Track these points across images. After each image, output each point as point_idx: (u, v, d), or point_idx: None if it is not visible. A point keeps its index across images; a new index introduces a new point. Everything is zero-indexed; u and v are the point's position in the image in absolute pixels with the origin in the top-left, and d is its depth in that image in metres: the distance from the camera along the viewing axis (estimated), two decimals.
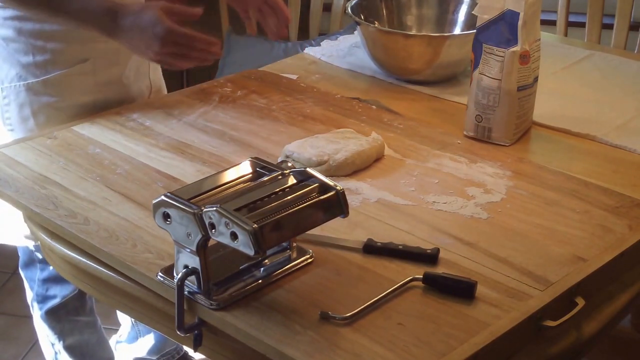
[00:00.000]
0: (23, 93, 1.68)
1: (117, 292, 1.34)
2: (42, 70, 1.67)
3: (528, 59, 1.56)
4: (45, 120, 1.69)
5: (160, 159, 1.53)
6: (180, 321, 1.16)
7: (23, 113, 1.70)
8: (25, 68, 1.67)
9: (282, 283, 1.20)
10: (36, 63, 1.66)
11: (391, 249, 1.25)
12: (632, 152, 1.59)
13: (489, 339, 1.09)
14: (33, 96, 1.68)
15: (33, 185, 1.44)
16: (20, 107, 1.70)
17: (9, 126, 1.72)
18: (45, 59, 1.66)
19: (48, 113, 1.70)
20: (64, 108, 1.70)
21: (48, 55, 1.66)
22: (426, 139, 1.61)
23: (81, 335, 2.02)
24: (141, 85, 1.81)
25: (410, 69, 1.86)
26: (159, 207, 1.15)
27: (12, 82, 1.68)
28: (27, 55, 1.66)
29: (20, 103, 1.69)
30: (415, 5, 2.03)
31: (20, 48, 1.65)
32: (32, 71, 1.67)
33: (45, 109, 1.69)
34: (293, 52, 2.77)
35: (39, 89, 1.68)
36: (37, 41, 1.65)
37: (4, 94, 1.70)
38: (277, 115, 1.71)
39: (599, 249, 1.28)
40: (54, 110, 1.70)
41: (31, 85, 1.67)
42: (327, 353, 1.06)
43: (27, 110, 1.69)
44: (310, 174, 1.19)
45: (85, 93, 1.71)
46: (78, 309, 1.98)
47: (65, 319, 1.98)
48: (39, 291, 1.93)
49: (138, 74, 1.79)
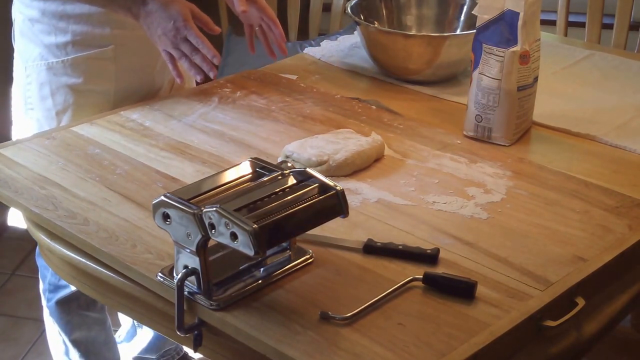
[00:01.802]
0: (44, 72, 1.73)
1: (117, 292, 1.34)
2: (63, 51, 1.71)
3: (528, 59, 1.56)
4: (63, 101, 1.73)
5: (160, 159, 1.53)
6: (180, 321, 1.16)
7: (43, 92, 1.74)
8: (47, 48, 1.71)
9: (282, 283, 1.20)
10: (57, 44, 1.70)
11: (391, 249, 1.25)
12: (632, 152, 1.59)
13: (489, 339, 1.09)
14: (53, 76, 1.72)
15: (32, 185, 1.44)
16: (40, 86, 1.74)
17: (29, 105, 1.77)
18: (66, 40, 1.70)
19: (66, 94, 1.74)
20: (83, 91, 1.74)
21: (69, 36, 1.70)
22: (426, 139, 1.61)
23: (89, 331, 2.02)
24: (163, 78, 1.84)
25: (410, 69, 1.86)
26: (158, 208, 1.15)
27: (34, 61, 1.73)
28: (49, 36, 1.70)
29: (40, 82, 1.74)
30: (415, 5, 2.03)
31: (43, 28, 1.70)
32: (53, 51, 1.71)
33: (64, 89, 1.73)
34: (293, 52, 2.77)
35: (59, 69, 1.72)
36: (60, 22, 1.69)
37: (27, 72, 1.75)
38: (276, 116, 1.70)
39: (599, 249, 1.28)
40: (72, 91, 1.74)
41: (52, 65, 1.72)
42: (327, 353, 1.06)
43: (46, 89, 1.74)
44: (310, 174, 1.18)
45: (105, 79, 1.75)
46: (89, 304, 1.98)
47: (76, 312, 1.98)
48: (51, 280, 1.93)
49: (163, 66, 1.81)
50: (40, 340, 2.53)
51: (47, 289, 1.96)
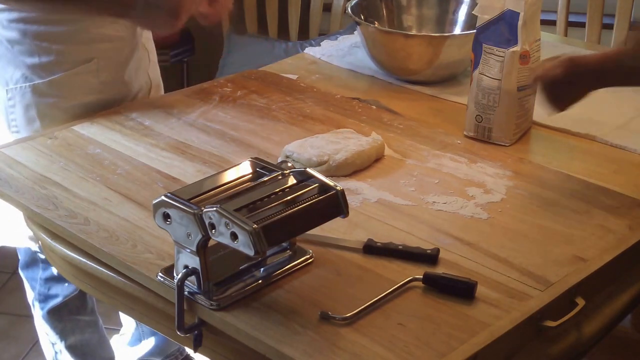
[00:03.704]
0: (29, 94, 1.69)
1: (118, 292, 1.34)
2: (48, 71, 1.67)
3: (528, 59, 1.56)
4: (50, 121, 1.69)
5: (160, 159, 1.53)
6: (180, 321, 1.16)
7: (29, 114, 1.70)
8: (31, 69, 1.67)
9: (282, 283, 1.20)
10: (41, 64, 1.67)
11: (391, 249, 1.25)
12: (632, 152, 1.59)
13: (489, 339, 1.09)
14: (38, 97, 1.69)
15: (33, 185, 1.44)
16: (26, 109, 1.70)
17: (15, 128, 1.72)
18: (50, 60, 1.66)
19: (53, 114, 1.70)
20: (68, 108, 1.71)
21: (53, 56, 1.66)
22: (426, 139, 1.61)
23: (82, 334, 2.02)
24: (141, 82, 1.83)
25: (410, 69, 1.86)
26: (159, 208, 1.15)
27: (17, 83, 1.69)
28: (32, 57, 1.66)
29: (26, 104, 1.70)
30: (415, 5, 2.03)
31: (25, 50, 1.66)
32: (37, 72, 1.67)
33: (51, 109, 1.70)
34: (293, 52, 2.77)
35: (45, 90, 1.68)
36: (43, 43, 1.65)
37: (9, 95, 1.70)
38: (277, 115, 1.71)
39: (599, 249, 1.28)
40: (59, 110, 1.70)
41: (37, 86, 1.68)
42: (327, 353, 1.06)
43: (32, 112, 1.70)
44: (310, 174, 1.19)
45: (89, 92, 1.72)
46: (79, 308, 1.98)
47: (67, 318, 1.98)
48: (40, 290, 1.93)
49: (138, 72, 1.80)
50: None
51: (37, 299, 1.96)
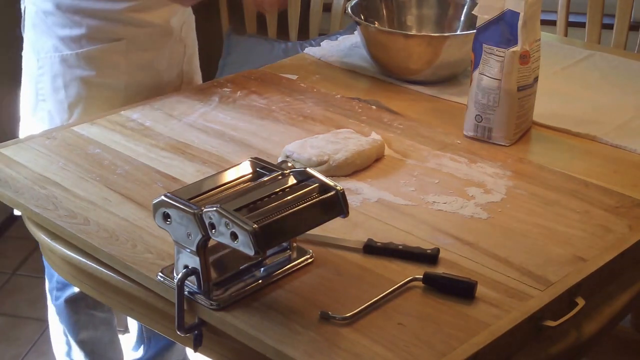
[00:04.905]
0: (57, 64, 1.75)
1: (117, 292, 1.34)
2: (77, 44, 1.73)
3: (528, 59, 1.56)
4: (76, 93, 1.76)
5: (160, 159, 1.53)
6: (180, 321, 1.16)
7: (56, 84, 1.77)
8: (62, 40, 1.74)
9: (282, 283, 1.20)
10: (72, 36, 1.73)
11: (391, 249, 1.25)
12: (632, 152, 1.59)
13: (489, 339, 1.09)
14: (66, 68, 1.75)
15: (33, 185, 1.44)
16: (53, 78, 1.77)
17: (42, 96, 1.79)
18: (80, 33, 1.73)
19: (79, 86, 1.76)
20: (95, 84, 1.77)
21: (84, 29, 1.73)
22: (426, 139, 1.61)
23: (95, 331, 2.01)
24: (172, 74, 1.87)
25: (410, 69, 1.86)
26: (159, 208, 1.15)
27: (47, 53, 1.76)
28: (64, 29, 1.73)
29: (54, 74, 1.76)
30: (415, 5, 2.03)
31: (57, 21, 1.73)
32: (67, 44, 1.74)
33: (77, 81, 1.76)
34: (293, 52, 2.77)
35: (73, 62, 1.75)
36: (75, 16, 1.72)
37: (40, 64, 1.77)
38: (277, 116, 1.71)
39: (599, 249, 1.28)
40: (85, 84, 1.76)
41: (66, 57, 1.74)
42: (327, 353, 1.06)
43: (59, 81, 1.76)
44: (310, 174, 1.18)
45: (117, 73, 1.77)
46: (96, 303, 1.97)
47: (83, 311, 1.98)
48: (59, 278, 1.92)
49: (171, 63, 1.85)
50: (41, 340, 2.53)
51: (55, 287, 1.96)
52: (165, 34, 1.81)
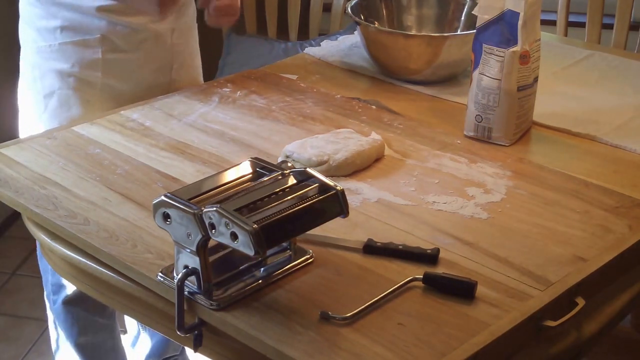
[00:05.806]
0: (35, 55, 1.78)
1: (117, 292, 1.34)
2: (52, 35, 1.75)
3: (528, 59, 1.56)
4: (49, 85, 1.77)
5: (160, 159, 1.53)
6: (180, 321, 1.16)
7: (33, 74, 1.79)
8: (39, 31, 1.76)
9: (282, 283, 1.20)
10: (47, 28, 1.75)
11: (391, 249, 1.25)
12: (632, 152, 1.59)
13: (489, 339, 1.09)
14: (42, 59, 1.77)
15: (33, 185, 1.44)
16: (31, 68, 1.80)
17: (25, 83, 1.83)
18: (55, 25, 1.74)
19: (52, 78, 1.77)
20: (69, 77, 1.77)
21: (59, 21, 1.74)
22: (426, 139, 1.61)
23: (95, 336, 2.00)
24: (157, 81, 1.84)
25: (410, 69, 1.86)
26: (159, 208, 1.15)
27: (27, 43, 1.79)
28: (41, 20, 1.75)
29: (32, 64, 1.79)
30: (415, 5, 2.03)
31: (37, 12, 1.75)
32: (43, 35, 1.76)
33: (51, 74, 1.77)
34: (293, 52, 2.77)
35: (47, 53, 1.76)
36: (52, 7, 1.73)
37: (23, 54, 1.81)
38: (277, 116, 1.71)
39: (599, 249, 1.28)
40: (58, 76, 1.77)
41: (41, 48, 1.76)
42: (327, 353, 1.06)
43: (36, 72, 1.79)
44: (310, 174, 1.18)
45: (92, 68, 1.77)
46: (97, 308, 1.97)
47: (83, 315, 1.97)
48: (52, 280, 1.92)
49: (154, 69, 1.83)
50: (41, 340, 2.53)
51: (51, 292, 1.95)
52: (146, 37, 1.78)
